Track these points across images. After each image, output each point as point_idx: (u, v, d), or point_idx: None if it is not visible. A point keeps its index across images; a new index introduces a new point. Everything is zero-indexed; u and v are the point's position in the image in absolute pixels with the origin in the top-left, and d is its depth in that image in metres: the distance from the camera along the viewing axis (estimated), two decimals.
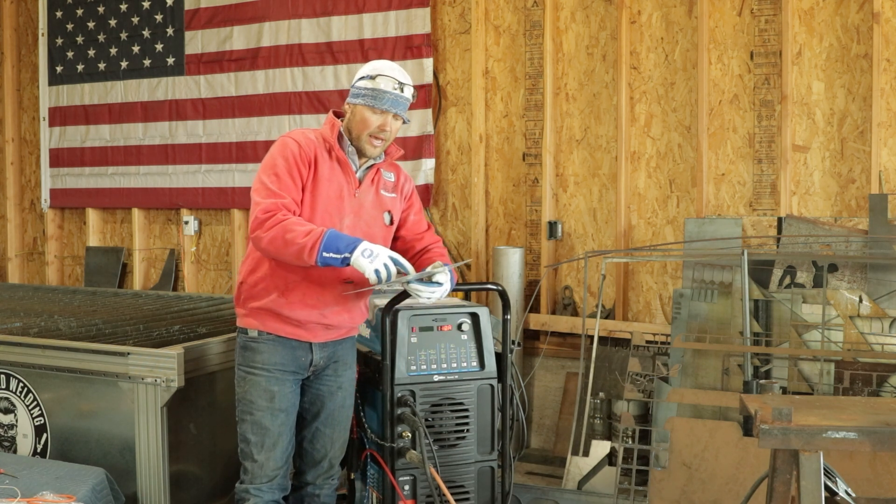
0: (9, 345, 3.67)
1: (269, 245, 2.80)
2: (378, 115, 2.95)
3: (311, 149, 2.95)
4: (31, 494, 3.05)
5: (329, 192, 2.97)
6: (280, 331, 3.01)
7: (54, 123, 7.02)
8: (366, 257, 2.74)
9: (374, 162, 3.09)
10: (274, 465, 3.04)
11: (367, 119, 2.95)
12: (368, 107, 2.95)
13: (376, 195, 3.10)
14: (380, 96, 2.94)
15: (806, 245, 4.55)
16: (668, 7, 5.12)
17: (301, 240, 2.74)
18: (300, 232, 2.75)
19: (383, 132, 2.96)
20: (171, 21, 6.51)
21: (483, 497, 3.32)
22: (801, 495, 2.22)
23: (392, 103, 2.94)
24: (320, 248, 2.73)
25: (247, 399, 3.03)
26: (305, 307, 3.00)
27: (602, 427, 4.84)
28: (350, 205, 3.02)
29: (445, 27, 5.75)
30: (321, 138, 3.01)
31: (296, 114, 6.07)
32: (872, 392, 4.17)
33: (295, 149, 2.92)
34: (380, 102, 2.94)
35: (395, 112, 2.96)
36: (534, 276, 5.53)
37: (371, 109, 2.95)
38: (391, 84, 2.95)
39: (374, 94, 2.95)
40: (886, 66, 4.57)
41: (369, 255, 2.74)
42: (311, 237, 2.74)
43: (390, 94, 2.94)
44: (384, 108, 2.93)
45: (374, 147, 2.98)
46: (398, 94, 2.95)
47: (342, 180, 3.00)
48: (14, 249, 7.38)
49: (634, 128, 5.22)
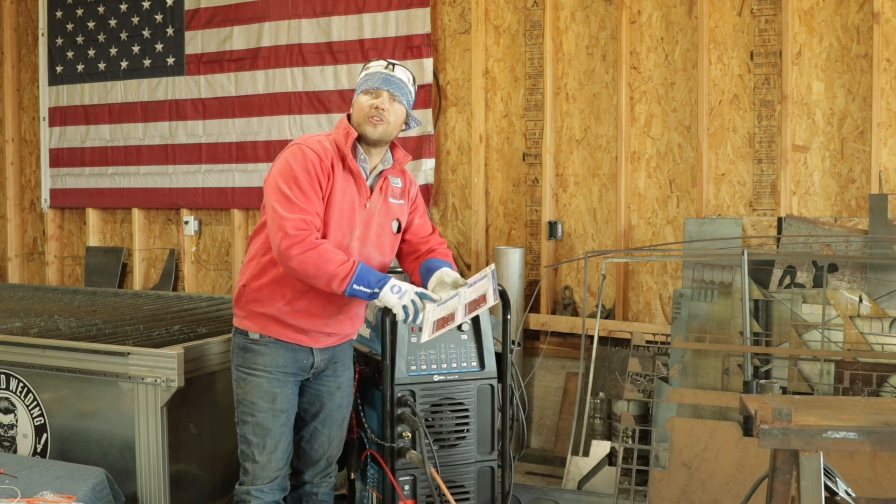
0: (9, 345, 3.67)
1: (298, 266, 2.80)
2: (370, 96, 2.96)
3: (329, 160, 2.93)
4: (31, 494, 3.05)
5: (342, 206, 2.96)
6: (282, 335, 3.01)
7: (54, 123, 7.02)
8: (394, 293, 2.79)
9: (384, 168, 3.07)
10: (275, 466, 3.04)
11: (362, 103, 2.97)
12: (362, 92, 2.99)
13: (384, 204, 3.09)
14: (370, 78, 2.98)
15: (806, 245, 4.55)
16: (668, 7, 5.12)
17: (333, 269, 2.78)
18: (335, 261, 2.79)
19: (377, 110, 2.94)
20: (171, 21, 6.51)
21: (483, 497, 3.32)
22: (801, 495, 2.22)
23: (383, 81, 2.95)
24: (352, 280, 2.77)
25: (248, 401, 3.02)
26: (310, 317, 3.00)
27: (602, 427, 4.83)
28: (360, 216, 3.01)
29: (445, 27, 5.75)
30: (335, 146, 2.97)
31: (296, 114, 6.07)
32: (872, 392, 4.17)
33: (316, 161, 2.89)
34: (370, 83, 2.97)
35: (388, 90, 2.95)
36: (534, 276, 5.53)
37: (364, 93, 2.98)
38: (381, 65, 3.00)
39: (365, 78, 3.00)
40: (886, 66, 4.57)
41: (398, 291, 2.79)
42: (343, 268, 2.78)
43: (380, 73, 2.97)
44: (375, 86, 2.95)
45: (374, 127, 2.95)
46: (388, 73, 2.97)
47: (354, 192, 2.99)
48: (14, 249, 7.38)
49: (634, 128, 5.22)
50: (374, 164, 3.06)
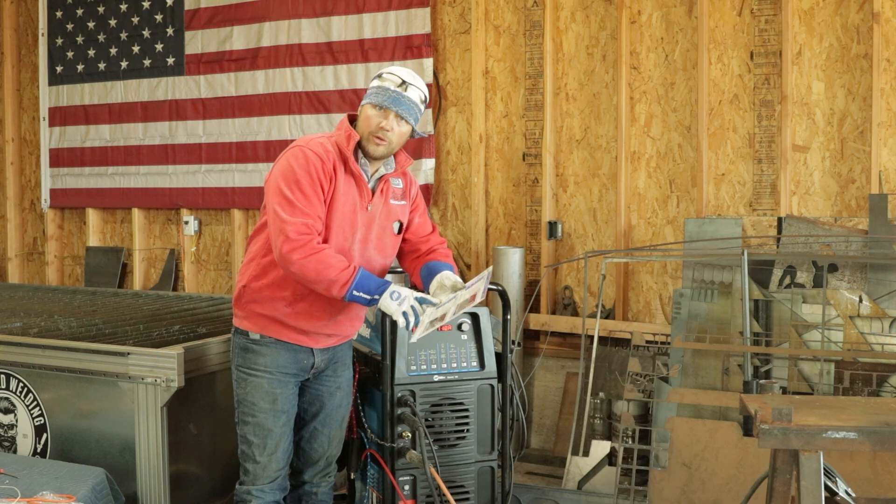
0: (9, 345, 3.67)
1: (299, 271, 2.80)
2: (378, 112, 2.92)
3: (331, 163, 2.91)
4: (31, 494, 3.05)
5: (344, 209, 2.95)
6: (283, 336, 3.01)
7: (54, 123, 7.02)
8: (394, 300, 2.78)
9: (386, 172, 3.06)
10: (276, 467, 3.04)
11: (370, 117, 2.93)
12: (371, 104, 2.94)
13: (385, 206, 3.07)
14: (381, 93, 2.93)
15: (806, 245, 4.55)
16: (668, 7, 5.12)
17: (334, 275, 2.78)
18: (335, 267, 2.79)
19: (383, 131, 2.91)
20: (171, 21, 6.51)
21: (483, 497, 3.32)
22: (801, 495, 2.22)
23: (392, 101, 2.91)
24: (352, 286, 2.78)
25: (248, 401, 3.02)
26: (311, 318, 3.00)
27: (602, 427, 4.83)
28: (362, 219, 3.00)
29: (445, 27, 5.75)
30: (337, 148, 2.95)
31: (296, 114, 6.07)
32: (872, 392, 4.17)
33: (318, 164, 2.87)
34: (380, 98, 2.92)
35: (397, 111, 2.90)
36: (534, 276, 5.53)
37: (373, 106, 2.94)
38: (394, 82, 2.94)
39: (377, 90, 2.95)
40: (886, 66, 4.57)
41: (397, 297, 2.79)
42: (344, 274, 2.78)
43: (391, 91, 2.92)
44: (384, 104, 2.91)
45: (376, 146, 2.94)
46: (399, 93, 2.92)
47: (356, 195, 2.98)
48: (14, 249, 7.38)
49: (634, 128, 5.22)
50: (377, 167, 3.05)
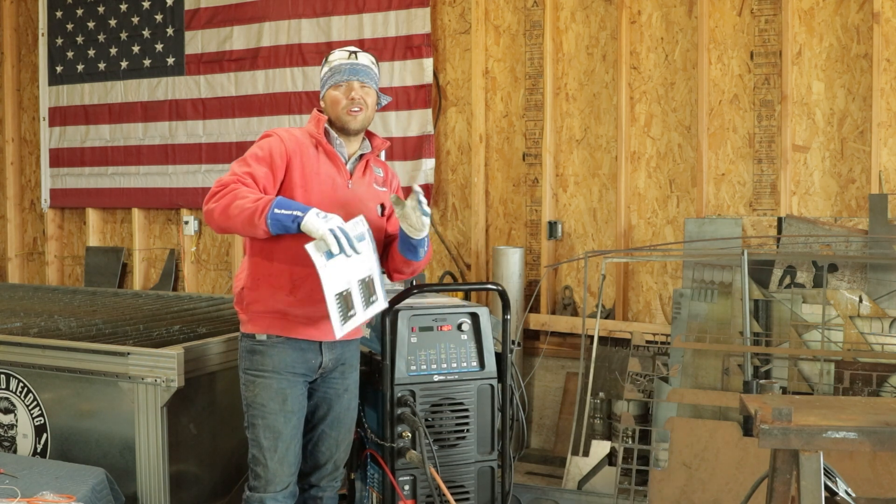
0: (9, 345, 3.67)
1: (221, 215, 2.77)
2: (342, 89, 2.98)
3: (294, 144, 2.94)
4: (31, 494, 3.05)
5: (322, 187, 2.96)
6: (290, 332, 2.97)
7: (54, 123, 7.02)
8: (320, 218, 2.69)
9: (363, 153, 3.09)
10: (288, 472, 2.99)
11: (335, 97, 2.99)
12: (331, 86, 3.01)
13: (369, 187, 3.09)
14: (336, 71, 3.01)
15: (806, 245, 4.55)
16: (668, 7, 5.12)
17: (251, 204, 2.72)
18: (251, 198, 2.74)
19: (352, 101, 2.97)
20: (171, 21, 6.51)
21: (483, 497, 3.32)
22: (801, 495, 2.22)
23: (350, 72, 2.98)
24: (273, 205, 2.69)
25: (257, 403, 2.98)
26: (315, 303, 2.91)
27: (602, 427, 4.84)
28: (344, 196, 3.01)
29: (445, 27, 5.75)
30: (307, 134, 3.01)
31: (296, 114, 6.07)
32: (872, 392, 4.17)
33: (273, 142, 2.93)
34: (337, 76, 2.99)
35: (358, 79, 2.98)
36: (534, 276, 5.53)
37: (334, 87, 3.00)
38: (343, 56, 3.02)
39: (331, 72, 3.02)
40: (886, 66, 4.57)
41: (324, 217, 2.70)
42: (261, 201, 2.72)
43: (344, 63, 3.00)
44: (343, 79, 2.98)
45: (353, 117, 2.98)
46: (353, 62, 3.00)
47: (333, 172, 3.00)
48: (14, 249, 7.38)
49: (634, 128, 5.22)
50: (353, 150, 3.08)
